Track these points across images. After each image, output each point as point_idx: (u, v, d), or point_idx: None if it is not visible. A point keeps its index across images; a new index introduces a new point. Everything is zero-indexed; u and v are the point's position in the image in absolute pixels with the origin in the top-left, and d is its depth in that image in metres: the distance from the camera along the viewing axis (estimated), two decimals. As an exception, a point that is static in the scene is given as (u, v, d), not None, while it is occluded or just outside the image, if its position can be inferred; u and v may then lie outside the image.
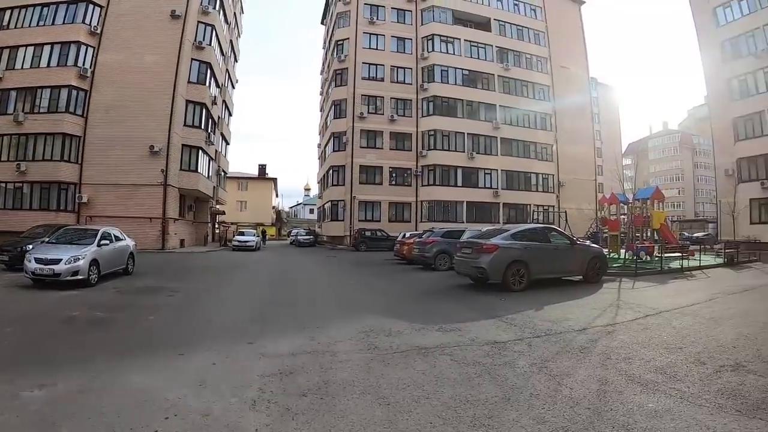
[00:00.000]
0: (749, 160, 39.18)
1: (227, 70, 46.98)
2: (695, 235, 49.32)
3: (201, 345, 7.63)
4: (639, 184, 33.84)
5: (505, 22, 53.38)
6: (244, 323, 9.59)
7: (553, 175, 53.95)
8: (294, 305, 12.02)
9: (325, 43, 64.74)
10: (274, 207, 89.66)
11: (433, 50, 48.73)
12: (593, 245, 17.95)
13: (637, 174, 39.07)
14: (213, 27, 39.47)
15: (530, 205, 50.37)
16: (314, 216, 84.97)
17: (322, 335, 8.29)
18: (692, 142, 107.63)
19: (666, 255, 22.61)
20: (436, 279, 18.10)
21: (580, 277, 16.02)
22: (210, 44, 38.50)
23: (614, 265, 20.26)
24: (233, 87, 52.71)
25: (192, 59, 37.37)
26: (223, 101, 46.04)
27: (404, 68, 49.03)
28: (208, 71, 38.82)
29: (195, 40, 37.55)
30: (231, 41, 48.46)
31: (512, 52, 52.94)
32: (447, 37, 49.47)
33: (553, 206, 51.74)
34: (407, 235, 29.15)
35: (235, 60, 53.29)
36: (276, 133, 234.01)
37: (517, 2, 54.93)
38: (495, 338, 8.19)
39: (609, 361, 6.84)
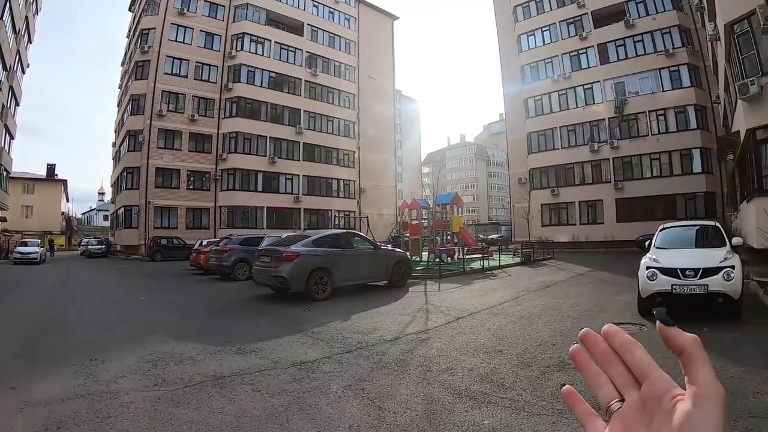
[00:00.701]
0: (541, 170, 44.66)
1: (18, 50, 40.09)
2: (490, 236, 53.08)
3: None
4: (437, 191, 35.12)
5: (318, 28, 53.22)
6: (8, 359, 7.32)
7: (355, 182, 54.83)
8: (74, 331, 9.64)
9: (129, 31, 58.48)
10: (63, 213, 79.44)
11: (242, 49, 46.83)
12: (396, 249, 17.72)
13: (436, 182, 40.37)
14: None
15: (331, 210, 50.74)
16: (109, 223, 76.88)
17: (102, 370, 6.51)
18: (487, 153, 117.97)
19: (467, 257, 22.92)
20: (235, 290, 16.52)
21: (386, 282, 15.67)
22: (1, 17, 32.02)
23: (418, 268, 20.28)
24: (23, 72, 45.47)
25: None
26: (10, 87, 38.89)
27: (210, 65, 46.44)
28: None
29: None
30: (27, 17, 41.47)
31: (322, 58, 53.02)
32: (258, 37, 47.90)
33: (355, 212, 52.81)
34: (204, 243, 26.82)
35: (29, 41, 46.03)
36: (68, 129, 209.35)
37: (332, 10, 55.15)
38: (302, 357, 7.08)
39: (430, 374, 6.12)
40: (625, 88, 39.85)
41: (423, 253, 25.79)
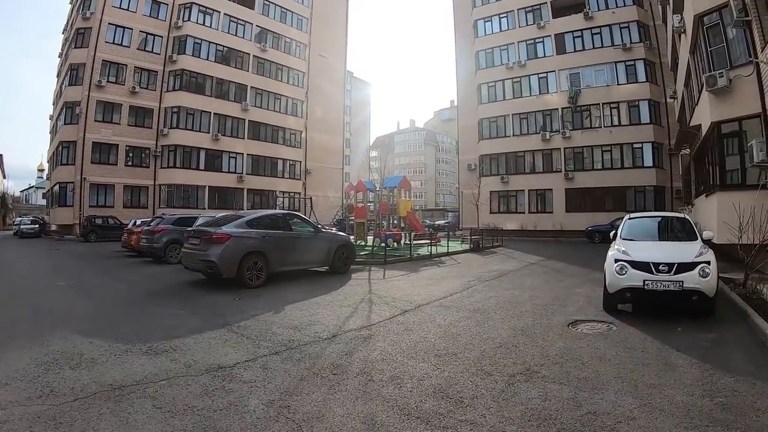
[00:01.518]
0: (491, 157, 44.36)
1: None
2: (437, 222, 52.77)
3: None
4: (385, 175, 34.28)
5: (270, 2, 50.77)
6: None
7: (301, 162, 53.32)
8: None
9: (72, -4, 54.79)
10: (-2, 190, 75.16)
11: (189, 20, 44.20)
12: (340, 233, 16.49)
13: (384, 166, 39.51)
14: None
15: (276, 191, 48.86)
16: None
17: (-17, 376, 5.11)
18: (436, 139, 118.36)
19: (414, 242, 22.03)
20: (165, 274, 14.89)
21: (327, 268, 14.60)
22: None
23: (362, 253, 19.28)
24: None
25: None
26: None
27: (155, 35, 43.68)
28: None
29: None
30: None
31: (272, 33, 50.78)
32: (206, 8, 45.02)
33: (300, 193, 51.31)
34: (138, 222, 24.90)
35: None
36: (6, 101, 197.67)
37: (286, -17, 52.93)
38: (220, 360, 5.85)
39: (372, 385, 5.00)
40: (580, 79, 39.74)
41: (369, 237, 24.79)
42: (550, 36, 41.48)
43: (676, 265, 7.75)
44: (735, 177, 14.86)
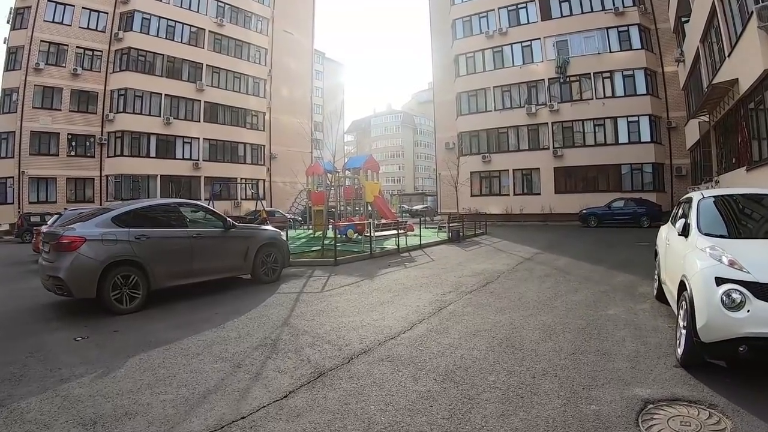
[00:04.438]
0: (471, 134, 40.67)
1: None
2: (414, 207, 50.35)
3: None
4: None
5: (229, -27, 46.23)
6: None
7: (265, 146, 48.80)
8: None
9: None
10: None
11: None
12: (266, 228, 12.01)
13: (359, 150, 35.80)
14: None
15: (237, 178, 44.38)
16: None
17: None
18: (414, 122, 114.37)
19: (379, 234, 17.93)
20: (41, 290, 10.72)
21: (249, 275, 10.73)
22: None
23: (313, 249, 15.11)
24: None
25: None
26: None
27: (99, 12, 39.26)
28: None
29: None
30: None
31: (231, 7, 46.11)
32: None
33: (265, 179, 47.54)
34: (54, 221, 20.14)
35: None
36: None
37: (245, -48, 48.20)
38: None
39: None
40: (568, 47, 36.11)
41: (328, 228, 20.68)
42: (534, 1, 37.70)
43: None
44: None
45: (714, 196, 6.14)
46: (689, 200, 6.44)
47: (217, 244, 9.94)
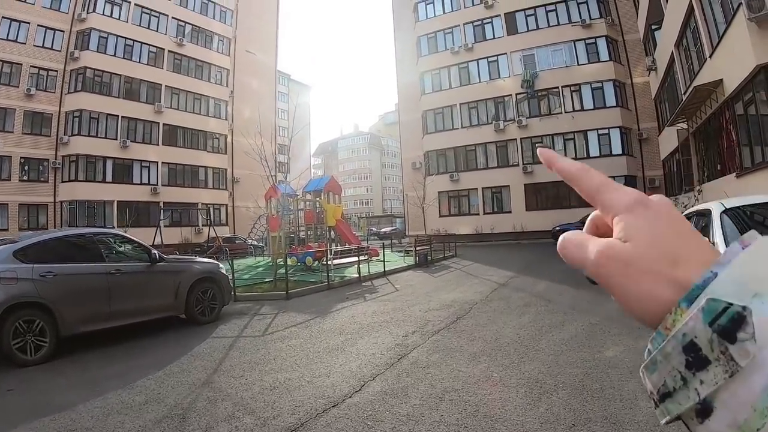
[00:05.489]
0: (438, 153, 39.43)
1: None
2: (383, 229, 49.35)
3: None
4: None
5: (189, -9, 44.92)
6: None
7: (227, 170, 46.89)
8: None
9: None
10: None
11: (94, 11, 37.54)
12: (204, 261, 10.39)
13: (327, 172, 34.49)
14: None
15: (198, 203, 42.33)
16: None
17: None
18: (381, 143, 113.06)
19: (339, 261, 16.44)
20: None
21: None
22: None
23: (267, 281, 13.54)
24: None
25: None
26: None
27: (55, 30, 37.12)
28: None
29: None
30: None
31: (191, 26, 44.63)
32: None
33: (227, 204, 45.63)
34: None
35: None
36: None
37: (208, -27, 47.04)
38: None
39: None
40: (536, 61, 35.55)
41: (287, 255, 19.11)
42: (499, 15, 37.25)
43: None
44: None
45: (738, 207, 4.81)
46: (705, 213, 5.12)
47: (140, 281, 8.54)
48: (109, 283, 7.96)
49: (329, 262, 14.77)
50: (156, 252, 8.88)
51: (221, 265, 10.47)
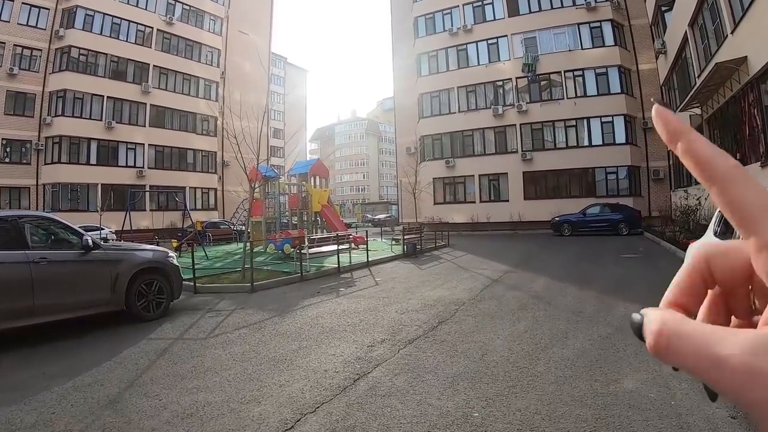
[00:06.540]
0: (433, 138, 37.86)
1: None
2: (378, 216, 48.58)
3: None
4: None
5: (180, -32, 43.35)
6: None
7: (216, 153, 45.46)
8: None
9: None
10: None
11: None
12: (151, 248, 8.94)
13: (323, 158, 33.21)
14: None
15: (186, 187, 41.13)
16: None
17: None
18: (379, 129, 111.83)
19: (317, 250, 15.08)
20: None
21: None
22: None
23: (237, 270, 12.32)
24: None
25: None
26: None
27: (39, 7, 35.90)
28: None
29: None
30: None
31: (182, 4, 43.05)
32: None
33: (216, 189, 44.32)
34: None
35: None
36: None
37: (199, -53, 45.39)
38: None
39: None
40: (537, 44, 33.88)
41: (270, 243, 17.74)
42: (500, -4, 35.56)
43: None
44: None
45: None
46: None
47: (71, 271, 7.30)
48: (32, 274, 6.70)
49: (305, 251, 13.33)
50: (89, 238, 7.48)
51: (171, 254, 9.06)
